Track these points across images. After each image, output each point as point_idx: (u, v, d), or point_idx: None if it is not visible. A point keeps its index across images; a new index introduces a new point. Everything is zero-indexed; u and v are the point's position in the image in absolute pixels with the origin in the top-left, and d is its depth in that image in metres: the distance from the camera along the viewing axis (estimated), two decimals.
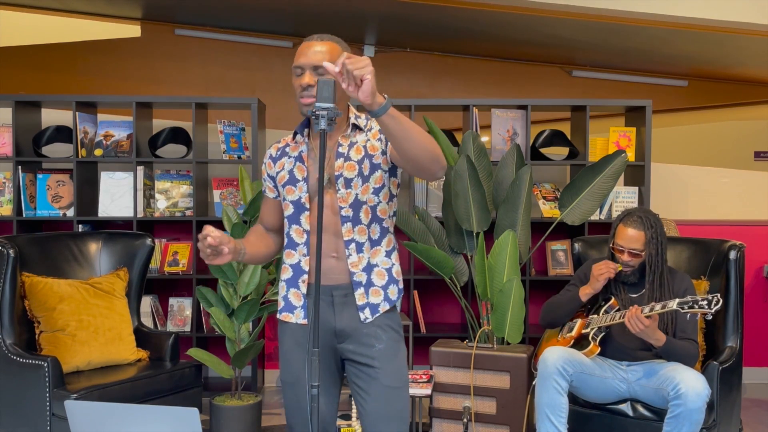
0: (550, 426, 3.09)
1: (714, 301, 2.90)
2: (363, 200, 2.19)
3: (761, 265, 5.15)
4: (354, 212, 2.19)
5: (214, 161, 4.77)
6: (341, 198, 2.18)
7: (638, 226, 3.23)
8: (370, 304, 2.22)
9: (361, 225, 2.20)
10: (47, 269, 3.64)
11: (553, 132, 4.86)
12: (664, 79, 6.58)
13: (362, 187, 2.18)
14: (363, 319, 2.21)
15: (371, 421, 2.20)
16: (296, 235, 2.23)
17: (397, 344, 2.26)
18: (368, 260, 2.21)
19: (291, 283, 2.25)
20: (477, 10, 4.86)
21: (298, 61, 2.14)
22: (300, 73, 2.14)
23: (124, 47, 6.21)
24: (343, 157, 2.19)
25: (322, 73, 2.12)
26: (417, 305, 4.69)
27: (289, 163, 2.25)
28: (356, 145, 2.21)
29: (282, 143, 2.34)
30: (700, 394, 2.93)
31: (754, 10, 4.63)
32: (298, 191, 2.21)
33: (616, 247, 3.28)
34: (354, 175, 2.18)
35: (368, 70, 1.81)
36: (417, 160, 1.98)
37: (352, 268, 2.19)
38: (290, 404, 2.27)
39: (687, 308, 2.95)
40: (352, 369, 2.25)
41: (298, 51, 2.16)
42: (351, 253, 2.19)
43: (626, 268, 3.27)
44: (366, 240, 2.21)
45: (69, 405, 1.81)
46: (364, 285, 2.21)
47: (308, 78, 2.12)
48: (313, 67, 2.12)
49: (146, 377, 3.45)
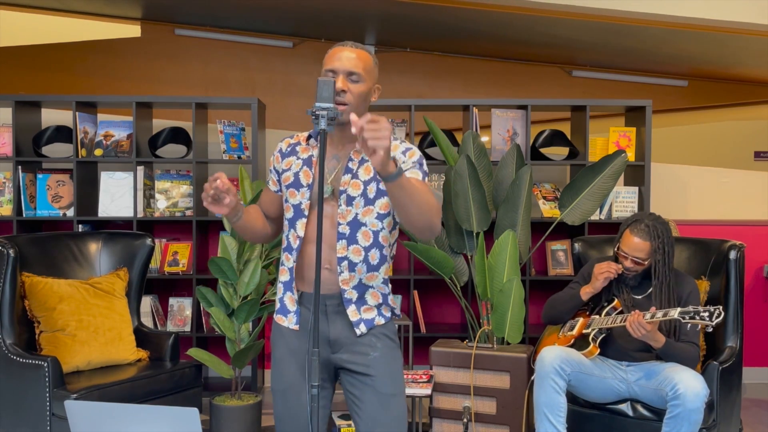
0: (548, 425, 3.09)
1: (716, 314, 2.89)
2: (363, 222, 2.16)
3: (761, 265, 5.15)
4: (351, 231, 2.16)
5: (214, 161, 4.77)
6: (340, 214, 2.16)
7: (644, 236, 3.22)
8: (364, 319, 2.20)
9: (357, 246, 2.16)
10: (47, 269, 3.64)
11: (553, 132, 4.86)
12: (664, 79, 6.58)
13: (363, 209, 2.16)
14: (358, 334, 2.19)
15: (369, 429, 2.17)
16: (292, 239, 2.21)
17: (393, 351, 2.24)
18: (360, 280, 2.18)
19: (287, 286, 2.23)
20: (477, 10, 4.86)
21: (332, 65, 2.12)
22: (332, 77, 2.11)
23: (124, 47, 6.22)
24: (351, 174, 2.17)
25: (356, 80, 2.12)
26: (417, 305, 4.69)
27: (297, 164, 2.23)
28: (367, 164, 2.18)
29: (294, 140, 2.30)
30: (699, 394, 2.93)
31: (755, 10, 4.63)
32: (300, 196, 2.19)
33: (621, 253, 3.28)
34: (357, 194, 2.16)
35: (381, 145, 1.80)
36: (412, 226, 2.04)
37: (342, 284, 2.17)
38: (281, 412, 2.24)
39: (688, 318, 2.94)
40: (348, 378, 2.22)
41: (330, 55, 2.15)
42: (343, 270, 2.16)
43: (628, 272, 3.27)
44: (361, 262, 2.17)
45: (69, 405, 1.81)
46: (355, 302, 2.19)
47: (342, 83, 2.10)
48: (348, 73, 2.11)
49: (146, 377, 3.44)
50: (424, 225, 2.03)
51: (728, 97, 6.75)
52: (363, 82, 2.14)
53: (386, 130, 1.80)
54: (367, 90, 2.16)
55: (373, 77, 2.19)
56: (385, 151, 1.81)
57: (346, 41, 2.19)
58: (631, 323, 3.02)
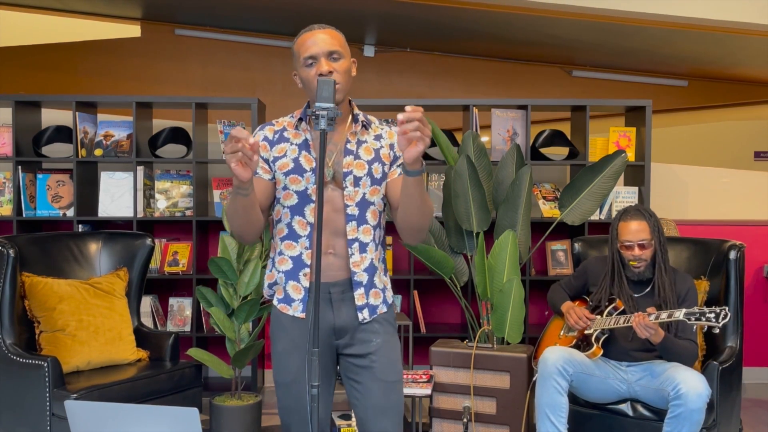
0: (550, 426, 3.09)
1: (722, 315, 2.89)
2: (371, 201, 2.19)
3: (761, 265, 5.15)
4: (360, 211, 2.18)
5: (214, 161, 4.76)
6: (348, 196, 2.16)
7: (639, 218, 3.25)
8: (370, 305, 2.22)
9: (366, 225, 2.19)
10: (47, 269, 3.64)
11: (553, 132, 4.86)
12: (664, 79, 6.58)
13: (371, 188, 2.18)
14: (361, 319, 2.21)
15: (369, 415, 2.19)
16: (299, 227, 2.19)
17: (393, 338, 2.27)
18: (371, 261, 2.21)
19: (291, 275, 2.21)
20: (477, 10, 4.86)
21: (310, 51, 2.11)
22: (312, 62, 2.12)
23: (124, 47, 6.22)
24: (353, 155, 2.18)
25: (338, 57, 2.12)
26: (417, 305, 4.69)
27: (293, 150, 2.19)
28: (365, 144, 2.20)
29: (278, 126, 2.25)
30: (701, 394, 2.93)
31: (754, 10, 4.63)
32: (305, 181, 2.17)
33: (625, 244, 3.27)
34: (363, 174, 2.17)
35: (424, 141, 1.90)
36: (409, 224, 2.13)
37: (353, 267, 2.18)
38: (286, 404, 2.24)
39: (694, 319, 2.94)
40: (348, 364, 2.23)
41: (303, 44, 2.13)
42: (354, 252, 2.18)
43: (639, 264, 3.25)
44: (371, 241, 2.20)
45: (69, 405, 1.81)
46: (365, 285, 2.20)
47: (326, 65, 2.10)
48: (328, 53, 2.11)
49: (146, 377, 3.44)
50: (420, 225, 2.13)
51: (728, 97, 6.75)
52: (344, 58, 2.15)
53: (429, 128, 1.91)
54: (349, 65, 2.17)
55: (349, 51, 2.19)
56: (425, 147, 1.91)
57: (311, 25, 2.18)
58: (637, 324, 3.02)
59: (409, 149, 1.92)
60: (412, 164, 1.96)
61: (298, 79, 2.20)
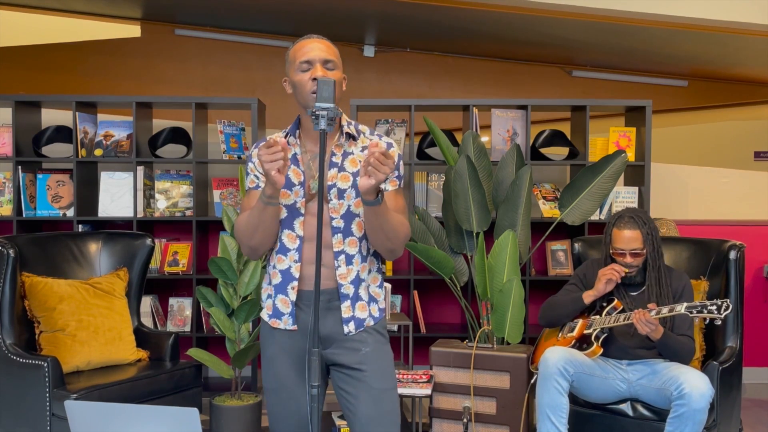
0: (550, 426, 3.09)
1: (724, 306, 2.89)
2: (356, 213, 2.18)
3: (761, 265, 5.15)
4: (345, 224, 2.18)
5: (214, 161, 4.77)
6: (333, 209, 2.17)
7: (633, 226, 3.24)
8: (356, 318, 2.21)
9: (352, 237, 2.18)
10: (47, 269, 3.64)
11: (553, 132, 4.86)
12: (664, 79, 6.58)
13: (355, 200, 2.18)
14: (347, 332, 2.19)
15: (362, 424, 2.17)
16: (288, 240, 2.19)
17: (384, 346, 2.25)
18: (357, 273, 2.20)
19: (279, 289, 2.22)
20: (477, 10, 4.87)
21: (306, 56, 2.14)
22: (307, 68, 2.13)
23: (124, 47, 6.22)
24: (337, 167, 2.18)
25: (332, 67, 2.15)
26: (417, 305, 4.69)
27: None
28: (351, 156, 2.20)
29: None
30: (704, 394, 2.92)
31: (754, 10, 4.63)
32: (294, 195, 2.18)
33: (617, 252, 3.28)
34: (348, 186, 2.17)
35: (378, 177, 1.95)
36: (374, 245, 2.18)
37: (340, 279, 2.18)
38: (275, 411, 2.23)
39: (696, 312, 2.94)
40: (339, 374, 2.22)
41: (300, 49, 2.16)
42: (340, 264, 2.18)
43: (631, 270, 3.27)
44: (357, 253, 2.20)
45: (69, 405, 1.81)
46: (351, 298, 2.20)
47: (321, 70, 2.12)
48: (324, 61, 2.14)
49: (146, 377, 3.44)
50: (385, 249, 2.17)
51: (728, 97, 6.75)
52: (338, 69, 2.17)
53: (390, 169, 1.95)
54: (341, 78, 2.18)
55: (342, 66, 2.21)
56: (378, 183, 1.97)
57: (309, 34, 2.22)
58: (638, 320, 3.02)
59: (362, 178, 1.97)
60: (365, 194, 2.01)
61: (288, 84, 2.21)
